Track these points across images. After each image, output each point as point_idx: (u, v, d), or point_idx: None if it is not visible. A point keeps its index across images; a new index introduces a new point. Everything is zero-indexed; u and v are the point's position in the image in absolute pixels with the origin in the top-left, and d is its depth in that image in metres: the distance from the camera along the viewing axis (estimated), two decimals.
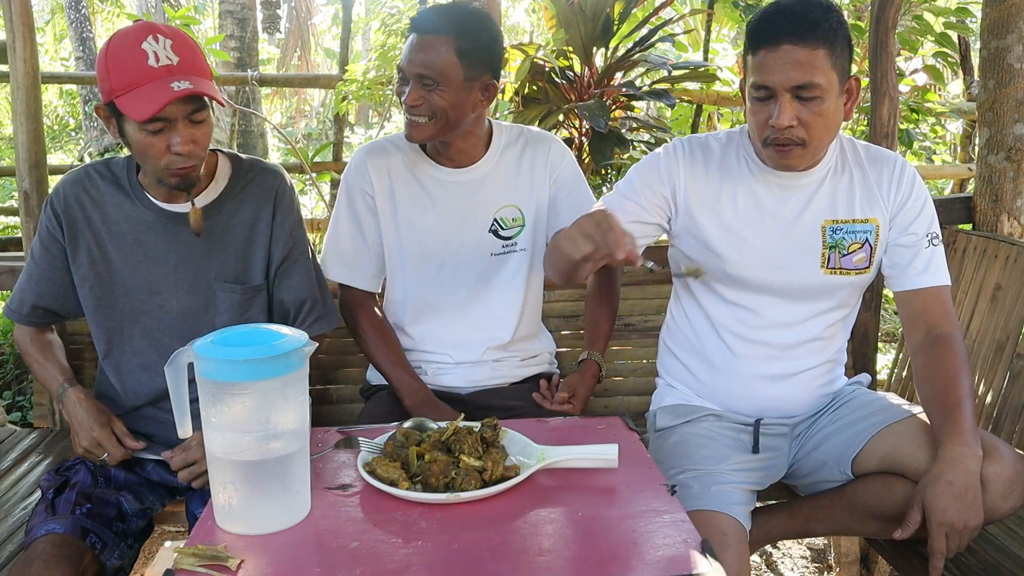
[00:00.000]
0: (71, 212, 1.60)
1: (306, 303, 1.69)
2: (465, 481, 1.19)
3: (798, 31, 1.42)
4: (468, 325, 1.84)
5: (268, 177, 1.67)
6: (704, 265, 1.64)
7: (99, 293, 1.62)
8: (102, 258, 1.60)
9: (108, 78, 1.43)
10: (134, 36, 1.43)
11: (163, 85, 1.40)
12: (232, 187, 1.64)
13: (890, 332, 4.46)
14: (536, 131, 1.91)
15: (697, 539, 1.06)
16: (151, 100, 1.39)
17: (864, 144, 1.67)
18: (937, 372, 1.50)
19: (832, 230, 1.60)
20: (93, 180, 1.62)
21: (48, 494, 1.52)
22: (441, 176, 1.81)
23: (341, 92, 3.95)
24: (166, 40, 1.43)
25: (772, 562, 2.71)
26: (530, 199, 1.84)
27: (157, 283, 1.60)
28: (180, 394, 1.18)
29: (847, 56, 1.49)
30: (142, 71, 1.41)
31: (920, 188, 1.61)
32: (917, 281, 1.58)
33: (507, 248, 1.83)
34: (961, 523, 1.32)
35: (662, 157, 1.66)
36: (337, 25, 13.97)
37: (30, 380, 3.46)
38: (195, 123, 1.47)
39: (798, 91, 1.43)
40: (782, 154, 1.50)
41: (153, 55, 1.41)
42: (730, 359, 1.67)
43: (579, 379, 1.81)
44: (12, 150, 6.82)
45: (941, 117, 4.31)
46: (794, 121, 1.45)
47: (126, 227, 1.59)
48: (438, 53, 1.64)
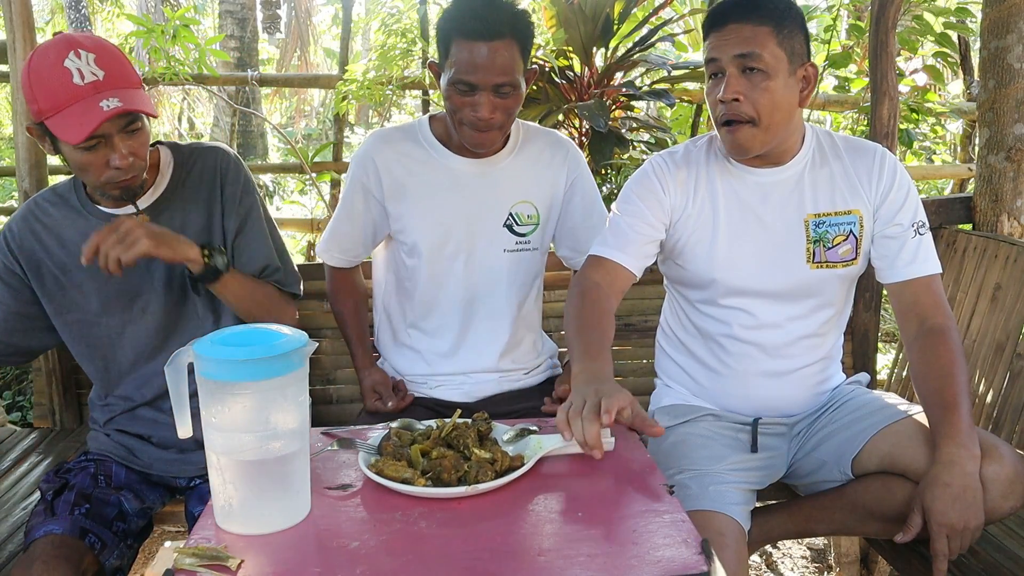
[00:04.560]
0: (27, 247, 1.58)
1: (266, 269, 1.68)
2: (480, 473, 1.20)
3: (741, 11, 1.50)
4: (477, 323, 1.83)
5: (210, 157, 1.65)
6: (691, 271, 1.65)
7: (79, 317, 1.61)
8: (70, 283, 1.59)
9: (35, 99, 1.40)
10: (55, 54, 1.38)
11: (92, 104, 1.37)
12: (178, 177, 1.62)
13: (890, 332, 4.46)
14: (555, 134, 1.90)
15: (697, 539, 1.06)
16: (81, 123, 1.36)
17: (842, 136, 1.68)
18: (932, 368, 1.50)
19: (815, 224, 1.60)
20: (43, 209, 1.60)
21: (47, 495, 1.52)
22: (458, 166, 1.78)
23: (341, 92, 3.95)
24: (88, 55, 1.39)
25: (772, 562, 2.71)
26: (545, 198, 1.83)
27: (135, 288, 1.60)
28: (180, 394, 1.18)
29: (799, 40, 1.52)
30: (68, 91, 1.37)
31: (902, 177, 1.61)
32: (906, 272, 1.58)
33: (520, 245, 1.82)
34: (961, 524, 1.32)
35: (650, 170, 1.67)
36: (337, 25, 13.97)
37: (30, 380, 3.46)
38: (130, 133, 1.44)
39: (743, 62, 1.48)
40: (732, 132, 1.52)
41: (77, 72, 1.37)
42: (725, 359, 1.67)
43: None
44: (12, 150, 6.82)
45: (941, 117, 4.31)
46: (739, 95, 1.49)
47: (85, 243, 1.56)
48: (511, 57, 1.59)
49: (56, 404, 2.25)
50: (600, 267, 1.61)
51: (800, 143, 1.62)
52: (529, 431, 1.35)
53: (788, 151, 1.61)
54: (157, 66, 3.73)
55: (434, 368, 1.85)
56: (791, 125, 1.57)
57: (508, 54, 1.59)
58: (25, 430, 2.25)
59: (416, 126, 1.82)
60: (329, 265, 1.92)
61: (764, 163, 1.61)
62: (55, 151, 1.47)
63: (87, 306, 1.60)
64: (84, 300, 1.60)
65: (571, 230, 1.90)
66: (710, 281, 1.64)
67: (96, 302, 1.59)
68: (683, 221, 1.64)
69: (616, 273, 1.61)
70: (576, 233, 1.90)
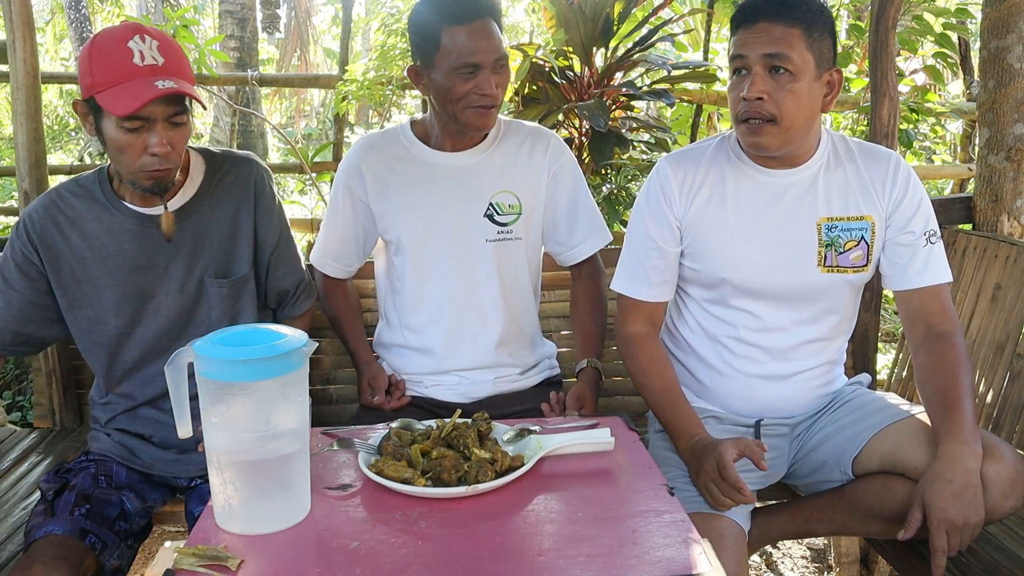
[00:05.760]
0: (48, 237, 1.57)
1: (300, 284, 1.77)
2: (481, 473, 1.20)
3: (774, 10, 1.48)
4: (466, 317, 1.83)
5: (244, 167, 1.67)
6: (701, 270, 1.65)
7: (90, 313, 1.60)
8: (86, 277, 1.58)
9: (91, 73, 1.42)
10: (121, 34, 1.42)
11: (147, 83, 1.39)
12: (208, 183, 1.63)
13: (890, 332, 4.46)
14: (535, 126, 1.92)
15: (697, 539, 1.06)
16: (133, 96, 1.38)
17: (856, 140, 1.68)
18: (937, 371, 1.50)
19: (827, 228, 1.60)
20: (66, 200, 1.58)
21: (47, 495, 1.52)
22: (437, 160, 1.81)
23: (341, 92, 3.94)
24: (152, 41, 1.42)
25: (772, 562, 2.71)
26: (527, 188, 1.84)
27: (150, 288, 1.60)
28: (180, 394, 1.18)
29: (827, 45, 1.51)
30: (126, 68, 1.40)
31: (916, 185, 1.61)
32: (916, 280, 1.58)
33: (502, 235, 1.82)
34: (961, 520, 1.32)
35: (655, 183, 1.67)
36: (337, 25, 13.97)
37: (30, 380, 3.46)
38: (174, 125, 1.46)
39: (770, 61, 1.47)
40: (752, 130, 1.52)
41: (139, 54, 1.40)
42: (730, 361, 1.67)
43: (584, 389, 1.79)
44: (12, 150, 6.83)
45: (941, 117, 4.31)
46: (764, 94, 1.48)
47: (108, 239, 1.57)
48: (498, 35, 1.68)
49: (56, 404, 2.25)
50: (636, 311, 1.69)
51: (816, 146, 1.61)
52: (529, 431, 1.36)
53: (804, 153, 1.60)
54: None
55: (429, 367, 1.85)
56: (811, 129, 1.56)
57: (495, 32, 1.67)
58: (25, 430, 2.25)
59: (398, 129, 1.87)
60: (323, 273, 1.93)
61: (778, 164, 1.60)
62: (96, 131, 1.47)
63: (99, 302, 1.59)
64: (97, 296, 1.59)
65: (555, 223, 1.90)
66: (719, 281, 1.63)
67: (109, 299, 1.59)
68: (690, 223, 1.64)
69: (651, 309, 1.70)
70: (559, 227, 1.90)
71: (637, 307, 1.69)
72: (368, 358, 1.91)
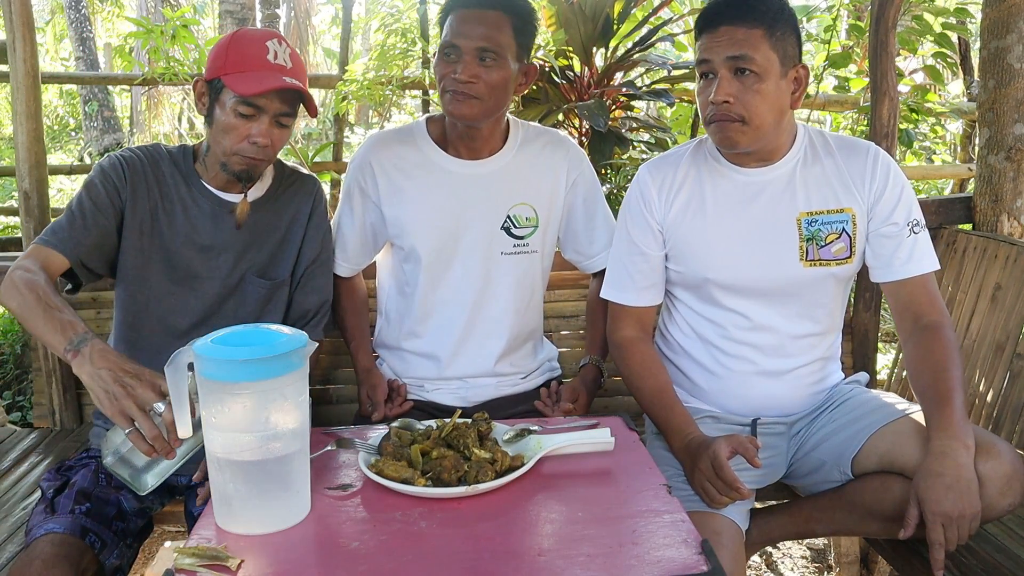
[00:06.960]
0: (141, 178, 1.64)
1: (324, 305, 1.80)
2: (481, 473, 1.20)
3: (735, 12, 1.50)
4: (475, 327, 1.81)
5: (308, 182, 1.79)
6: (684, 272, 1.66)
7: (140, 263, 1.64)
8: (152, 231, 1.64)
9: (225, 56, 1.54)
10: (261, 34, 1.58)
11: (275, 75, 1.53)
12: (276, 188, 1.74)
13: (890, 332, 4.46)
14: (555, 133, 1.89)
15: (697, 539, 1.06)
16: (259, 81, 1.51)
17: (835, 134, 1.69)
18: (926, 363, 1.50)
19: (808, 222, 1.60)
20: (163, 157, 1.68)
21: (48, 494, 1.52)
22: (454, 167, 1.77)
23: (341, 92, 3.94)
24: (287, 49, 1.58)
25: (772, 562, 2.72)
26: (545, 200, 1.81)
27: (197, 267, 1.66)
28: (180, 393, 1.18)
29: (791, 43, 1.52)
30: (260, 60, 1.54)
31: (896, 176, 1.61)
32: (902, 271, 1.59)
33: (518, 248, 1.80)
34: (956, 512, 1.32)
35: (636, 191, 1.70)
36: (337, 25, 13.97)
37: (30, 380, 3.46)
38: (280, 125, 1.58)
39: (735, 63, 1.49)
40: (722, 128, 1.53)
41: (273, 53, 1.56)
42: (723, 361, 1.68)
43: (581, 384, 1.80)
44: (12, 150, 6.82)
45: (941, 117, 4.31)
46: (730, 97, 1.50)
47: (179, 208, 1.65)
48: (498, 28, 1.63)
49: (56, 404, 2.25)
50: (625, 316, 1.72)
51: (791, 142, 1.62)
52: (529, 431, 1.36)
53: (778, 150, 1.61)
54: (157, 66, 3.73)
55: (431, 373, 1.84)
56: (781, 126, 1.57)
57: (495, 24, 1.63)
58: (25, 430, 2.25)
59: (414, 128, 1.82)
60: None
61: (754, 162, 1.62)
62: (205, 111, 1.59)
63: (151, 262, 1.64)
64: (152, 253, 1.64)
65: (574, 233, 1.89)
66: (703, 281, 1.64)
67: (160, 261, 1.64)
68: (671, 226, 1.66)
69: (640, 313, 1.72)
70: (579, 237, 1.89)
71: (626, 312, 1.71)
72: (368, 365, 1.87)
